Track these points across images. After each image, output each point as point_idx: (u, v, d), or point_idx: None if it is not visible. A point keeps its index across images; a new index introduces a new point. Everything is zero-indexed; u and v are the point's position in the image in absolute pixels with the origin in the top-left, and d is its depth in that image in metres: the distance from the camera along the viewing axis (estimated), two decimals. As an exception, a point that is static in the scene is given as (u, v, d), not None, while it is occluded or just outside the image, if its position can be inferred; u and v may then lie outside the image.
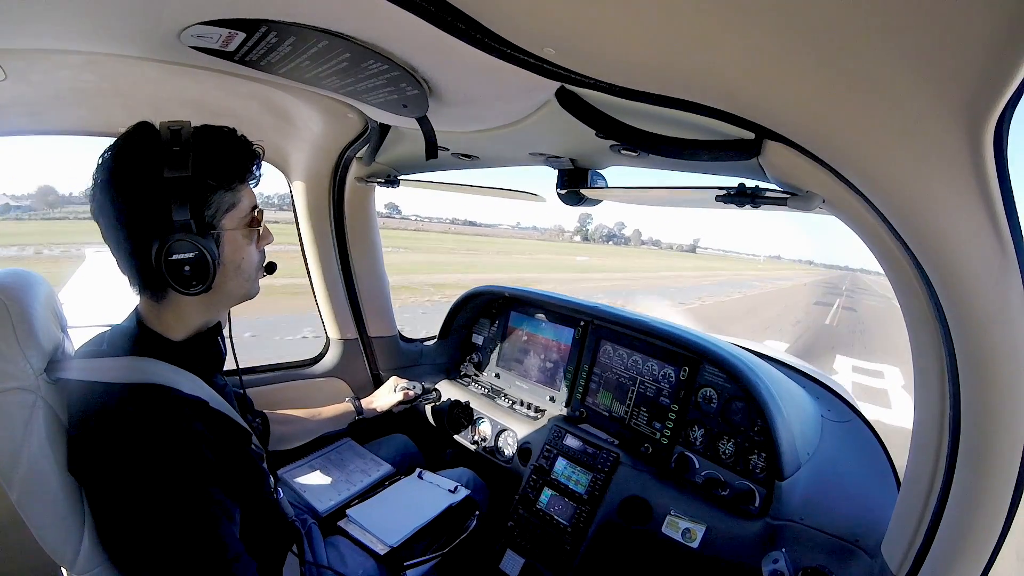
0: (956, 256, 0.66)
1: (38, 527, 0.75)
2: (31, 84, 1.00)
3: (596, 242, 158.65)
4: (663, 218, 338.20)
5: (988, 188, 0.56)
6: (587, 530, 1.48)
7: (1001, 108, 0.47)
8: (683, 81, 0.70)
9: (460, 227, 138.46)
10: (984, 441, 0.76)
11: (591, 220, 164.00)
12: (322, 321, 1.97)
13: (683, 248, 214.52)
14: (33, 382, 0.76)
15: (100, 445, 0.76)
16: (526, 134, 1.10)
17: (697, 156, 0.87)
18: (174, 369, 0.85)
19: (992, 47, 0.42)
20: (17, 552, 1.11)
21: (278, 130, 1.41)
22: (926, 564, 0.88)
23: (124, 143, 0.81)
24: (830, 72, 0.54)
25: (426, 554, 1.33)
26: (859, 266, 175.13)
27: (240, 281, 0.92)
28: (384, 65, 0.82)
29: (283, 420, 1.39)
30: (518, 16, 0.62)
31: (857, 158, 0.68)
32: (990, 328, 0.69)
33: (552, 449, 1.65)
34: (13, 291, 0.77)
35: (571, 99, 0.84)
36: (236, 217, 0.88)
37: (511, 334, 2.05)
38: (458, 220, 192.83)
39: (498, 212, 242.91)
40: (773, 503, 1.28)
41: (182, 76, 1.00)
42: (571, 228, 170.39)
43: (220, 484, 0.82)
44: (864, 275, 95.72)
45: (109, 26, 0.79)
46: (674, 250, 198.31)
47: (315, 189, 1.70)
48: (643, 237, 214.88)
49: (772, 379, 1.44)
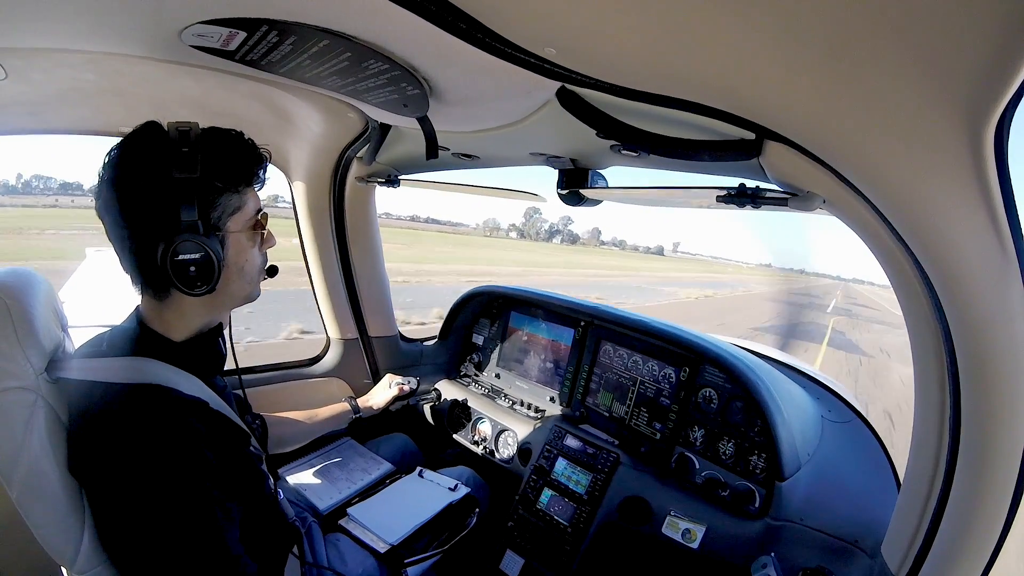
0: (956, 256, 0.66)
1: (38, 526, 0.75)
2: (32, 83, 1.00)
3: (533, 239, 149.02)
4: (630, 218, 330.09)
5: (989, 188, 0.56)
6: (587, 530, 1.47)
7: (1002, 108, 0.47)
8: (683, 81, 0.70)
9: (423, 224, 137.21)
10: (984, 442, 0.76)
11: (539, 214, 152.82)
12: (322, 321, 1.97)
13: (649, 250, 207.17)
14: (33, 381, 0.76)
15: (100, 445, 0.76)
16: (526, 134, 1.10)
17: (698, 156, 0.87)
18: (174, 370, 0.85)
19: (993, 48, 0.42)
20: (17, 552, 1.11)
21: (278, 130, 1.41)
22: (926, 564, 0.88)
23: (132, 142, 0.81)
24: (831, 72, 0.54)
25: (426, 552, 1.33)
26: (851, 276, 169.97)
27: (243, 283, 0.92)
28: (385, 65, 0.82)
29: (280, 423, 1.39)
30: (519, 16, 0.62)
31: (858, 158, 0.68)
32: (990, 328, 0.69)
33: (552, 449, 1.65)
34: (14, 290, 0.77)
35: (572, 99, 0.84)
36: (241, 220, 0.88)
37: (511, 334, 2.05)
38: (418, 217, 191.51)
39: (462, 211, 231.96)
40: (773, 503, 1.28)
41: (183, 75, 1.00)
42: (508, 224, 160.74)
43: (220, 485, 0.82)
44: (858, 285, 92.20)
45: (110, 25, 0.79)
46: (640, 251, 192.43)
47: (315, 189, 1.70)
48: (604, 237, 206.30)
49: (772, 379, 1.44)
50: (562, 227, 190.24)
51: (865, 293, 54.79)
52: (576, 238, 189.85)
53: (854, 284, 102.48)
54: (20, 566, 1.15)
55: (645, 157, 1.06)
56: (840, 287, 66.52)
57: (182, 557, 0.76)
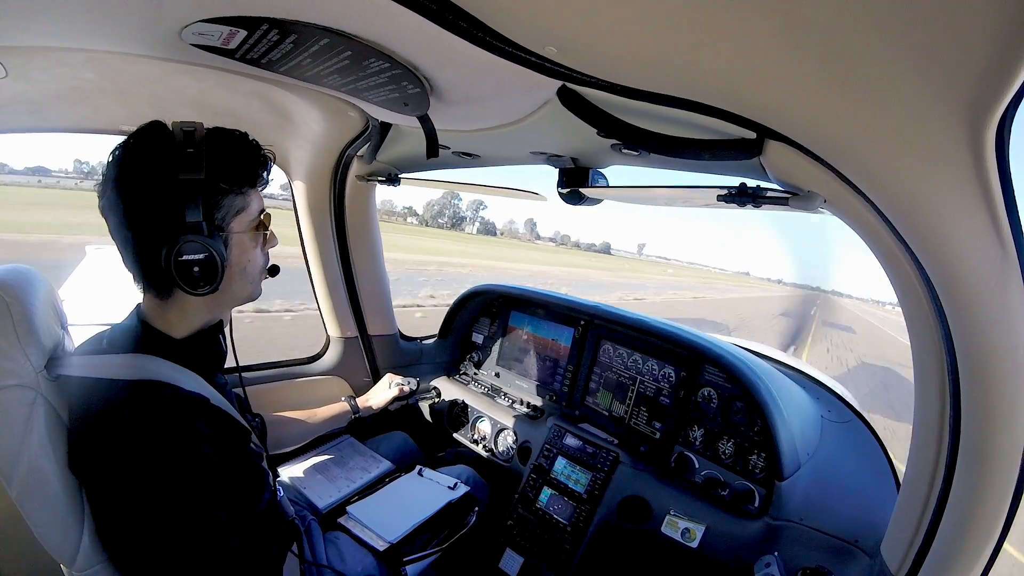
0: (957, 256, 0.66)
1: (38, 525, 0.75)
2: (32, 81, 1.00)
3: (432, 226, 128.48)
4: (571, 214, 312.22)
5: (989, 188, 0.56)
6: (587, 529, 1.48)
7: (1003, 108, 0.47)
8: (684, 80, 0.70)
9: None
10: (984, 441, 0.76)
11: (457, 199, 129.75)
12: (322, 319, 1.97)
13: (594, 248, 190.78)
14: (33, 379, 0.76)
15: (101, 441, 0.76)
16: (527, 133, 1.10)
17: (698, 155, 0.87)
18: (175, 367, 0.85)
19: (994, 47, 0.42)
20: (17, 550, 1.11)
21: (279, 128, 1.41)
22: (926, 564, 0.88)
23: (137, 142, 0.81)
24: (832, 72, 0.54)
25: (425, 550, 1.33)
26: (831, 287, 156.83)
27: (245, 283, 0.92)
28: (385, 63, 0.82)
29: (278, 423, 1.39)
30: (520, 15, 0.62)
31: (858, 158, 0.68)
32: (990, 328, 0.69)
33: (552, 448, 1.65)
34: (13, 288, 0.77)
35: (572, 98, 0.84)
36: (245, 220, 0.89)
37: (511, 333, 2.05)
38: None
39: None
40: (773, 503, 1.28)
41: (183, 74, 1.00)
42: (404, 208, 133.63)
43: (220, 482, 0.82)
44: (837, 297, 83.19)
45: (110, 24, 0.79)
46: (581, 248, 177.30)
47: (316, 187, 1.70)
48: (540, 232, 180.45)
49: (772, 379, 1.44)
50: (472, 214, 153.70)
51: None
52: (493, 229, 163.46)
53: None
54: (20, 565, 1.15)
55: (646, 156, 1.06)
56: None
57: (181, 554, 0.76)
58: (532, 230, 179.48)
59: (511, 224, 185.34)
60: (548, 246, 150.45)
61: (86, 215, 0.94)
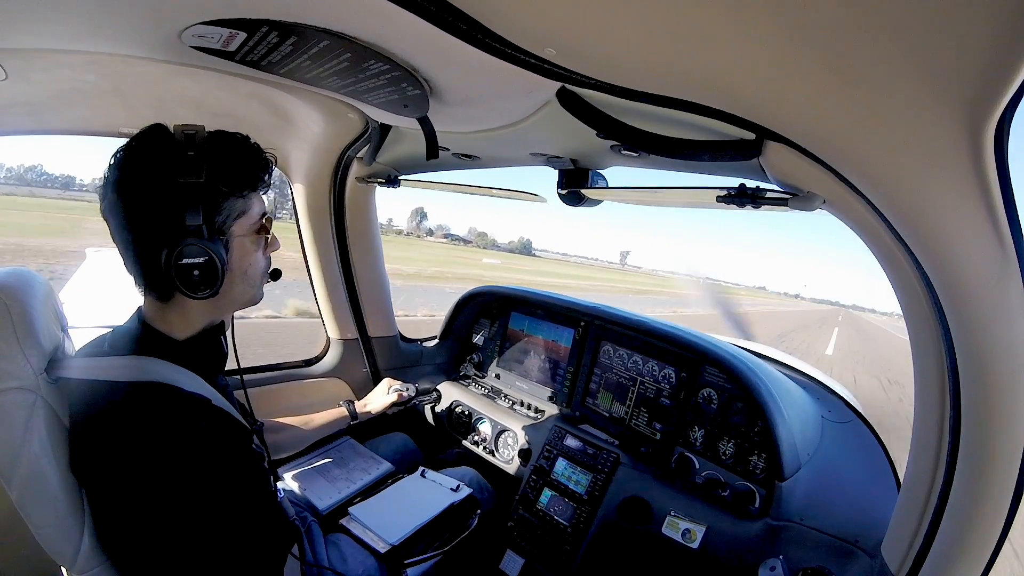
0: (956, 256, 0.66)
1: (38, 527, 0.75)
2: (31, 83, 1.00)
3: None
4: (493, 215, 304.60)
5: (988, 188, 0.56)
6: (587, 530, 1.47)
7: (1002, 109, 0.47)
8: (684, 81, 0.70)
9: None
10: (984, 441, 0.76)
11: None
12: (322, 321, 1.97)
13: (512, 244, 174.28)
14: (33, 381, 0.75)
15: (103, 443, 0.76)
16: (527, 134, 1.10)
17: (698, 156, 0.87)
18: (176, 368, 0.85)
19: (993, 47, 0.42)
20: (17, 552, 1.11)
21: (279, 130, 1.41)
22: (926, 564, 0.87)
23: (138, 145, 0.81)
24: (831, 72, 0.54)
25: (427, 552, 1.33)
26: (851, 302, 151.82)
27: (246, 287, 0.92)
28: (385, 65, 0.82)
29: (276, 428, 1.39)
30: (519, 16, 0.62)
31: (858, 158, 0.68)
32: (990, 328, 0.69)
33: (552, 449, 1.65)
34: (13, 291, 0.77)
35: (572, 99, 0.84)
36: (246, 224, 0.89)
37: (511, 335, 2.05)
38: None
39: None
40: (773, 504, 1.28)
41: (183, 76, 1.00)
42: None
43: (221, 483, 0.82)
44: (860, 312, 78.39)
45: (110, 26, 0.79)
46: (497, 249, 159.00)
47: (316, 189, 1.70)
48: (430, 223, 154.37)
49: (772, 380, 1.44)
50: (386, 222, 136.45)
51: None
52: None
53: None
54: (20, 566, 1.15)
55: (645, 157, 1.06)
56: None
57: (182, 555, 0.76)
58: (418, 223, 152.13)
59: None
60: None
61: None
